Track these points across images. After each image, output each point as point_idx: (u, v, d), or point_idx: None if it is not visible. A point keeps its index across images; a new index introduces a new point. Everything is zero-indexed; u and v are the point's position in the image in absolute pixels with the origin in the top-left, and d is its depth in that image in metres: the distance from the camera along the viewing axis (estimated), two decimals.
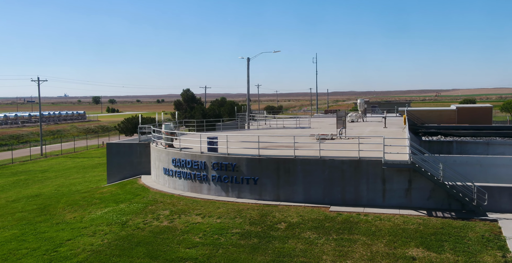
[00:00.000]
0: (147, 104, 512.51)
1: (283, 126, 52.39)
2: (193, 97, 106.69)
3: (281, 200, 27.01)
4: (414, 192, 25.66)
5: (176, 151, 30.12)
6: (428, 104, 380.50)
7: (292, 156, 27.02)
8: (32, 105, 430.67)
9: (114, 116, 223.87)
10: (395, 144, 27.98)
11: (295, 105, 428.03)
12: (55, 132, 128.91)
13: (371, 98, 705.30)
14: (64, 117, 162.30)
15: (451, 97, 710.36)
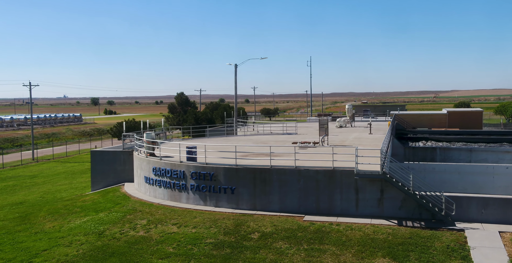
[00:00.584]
0: (146, 106, 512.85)
1: (271, 132, 52.93)
2: (187, 100, 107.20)
3: (258, 209, 27.56)
4: (386, 201, 26.22)
5: (156, 160, 30.67)
6: (425, 106, 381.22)
7: (268, 166, 27.57)
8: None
9: (111, 118, 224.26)
10: (369, 155, 28.50)
11: (293, 106, 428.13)
12: (50, 135, 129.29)
13: (369, 100, 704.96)
14: (60, 120, 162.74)
15: (449, 98, 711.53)
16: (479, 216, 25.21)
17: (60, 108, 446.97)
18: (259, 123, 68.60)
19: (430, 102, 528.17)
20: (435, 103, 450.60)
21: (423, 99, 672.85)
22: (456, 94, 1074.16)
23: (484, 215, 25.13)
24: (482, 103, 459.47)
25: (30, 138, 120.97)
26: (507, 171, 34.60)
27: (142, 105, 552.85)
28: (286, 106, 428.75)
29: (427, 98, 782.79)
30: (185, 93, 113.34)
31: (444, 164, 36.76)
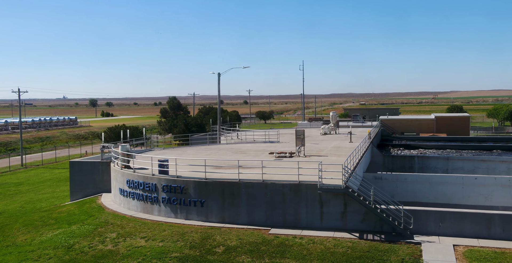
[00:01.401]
0: (144, 107, 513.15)
1: (254, 140, 53.65)
2: (179, 105, 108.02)
3: (226, 222, 28.31)
4: (349, 215, 26.98)
5: (130, 172, 31.42)
6: (423, 108, 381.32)
7: (236, 180, 28.32)
8: (26, 109, 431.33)
9: (108, 120, 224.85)
10: (332, 170, 29.25)
11: (291, 108, 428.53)
12: (44, 139, 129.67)
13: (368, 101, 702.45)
14: (55, 123, 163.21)
15: (447, 100, 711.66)
16: (437, 230, 25.99)
17: (58, 110, 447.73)
18: (245, 129, 68.73)
19: (428, 104, 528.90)
20: (433, 105, 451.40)
21: (421, 100, 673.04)
22: (455, 95, 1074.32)
23: (442, 229, 25.91)
24: (480, 104, 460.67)
25: (25, 142, 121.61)
26: (476, 182, 35.51)
27: (141, 107, 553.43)
28: (284, 108, 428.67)
29: (425, 99, 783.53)
30: (184, 94, 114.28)
31: (415, 175, 37.63)
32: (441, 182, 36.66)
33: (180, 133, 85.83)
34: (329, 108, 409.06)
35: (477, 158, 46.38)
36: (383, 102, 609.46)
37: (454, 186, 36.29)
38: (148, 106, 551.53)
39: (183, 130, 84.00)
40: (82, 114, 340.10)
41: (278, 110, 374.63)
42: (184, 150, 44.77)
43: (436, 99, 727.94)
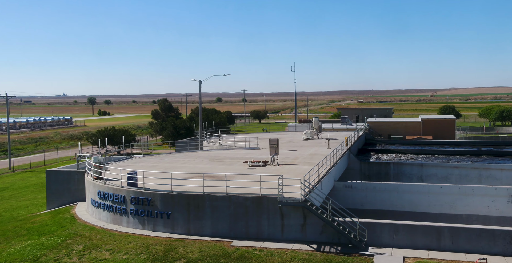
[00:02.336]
0: (143, 105, 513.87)
1: (235, 145, 54.53)
2: (170, 107, 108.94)
3: (192, 233, 29.24)
4: (308, 227, 27.91)
5: (101, 184, 32.33)
6: (420, 106, 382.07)
7: (201, 193, 29.23)
8: (24, 107, 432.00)
9: (104, 120, 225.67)
10: (292, 184, 30.12)
11: (289, 106, 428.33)
12: (37, 140, 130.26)
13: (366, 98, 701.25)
14: (50, 123, 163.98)
15: (446, 97, 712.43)
16: (391, 241, 26.95)
17: (56, 108, 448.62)
18: (228, 134, 68.78)
19: (426, 102, 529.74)
20: (431, 103, 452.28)
21: (420, 98, 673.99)
22: (455, 93, 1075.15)
23: (395, 240, 26.87)
24: (477, 102, 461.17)
25: (17, 143, 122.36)
26: (441, 190, 36.47)
27: (139, 105, 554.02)
28: (282, 106, 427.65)
29: (424, 96, 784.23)
30: (183, 91, 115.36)
31: (383, 183, 38.55)
32: (408, 191, 37.60)
33: (169, 136, 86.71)
34: (326, 106, 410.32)
35: (450, 164, 47.27)
36: (381, 100, 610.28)
37: (421, 195, 37.24)
38: (147, 104, 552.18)
39: (172, 133, 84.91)
40: (80, 113, 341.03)
41: (276, 108, 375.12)
42: (162, 157, 45.66)
43: (435, 96, 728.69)
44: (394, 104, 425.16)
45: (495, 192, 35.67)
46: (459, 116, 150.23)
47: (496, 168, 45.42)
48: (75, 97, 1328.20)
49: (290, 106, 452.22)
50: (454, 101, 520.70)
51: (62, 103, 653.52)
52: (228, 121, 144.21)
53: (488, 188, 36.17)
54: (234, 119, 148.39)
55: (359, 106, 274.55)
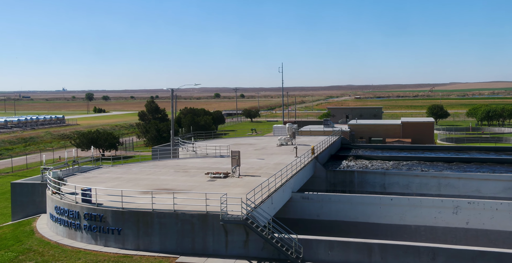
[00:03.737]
0: (140, 101, 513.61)
1: (206, 153, 55.71)
2: (156, 108, 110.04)
3: (141, 249, 30.51)
4: (251, 243, 29.20)
5: (58, 199, 33.58)
6: (416, 102, 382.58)
7: (150, 210, 30.49)
8: (22, 103, 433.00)
9: (97, 117, 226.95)
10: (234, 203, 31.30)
11: (286, 102, 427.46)
12: (27, 140, 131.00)
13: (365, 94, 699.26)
14: (42, 122, 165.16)
15: (444, 92, 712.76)
16: (326, 257, 28.28)
17: (53, 104, 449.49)
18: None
19: (424, 97, 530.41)
20: (428, 99, 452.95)
21: (418, 93, 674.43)
22: (454, 87, 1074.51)
23: (330, 256, 28.20)
24: (474, 98, 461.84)
25: (7, 143, 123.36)
26: (391, 202, 37.80)
27: (137, 100, 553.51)
28: (278, 102, 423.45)
29: (422, 91, 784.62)
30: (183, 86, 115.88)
31: (338, 195, 39.87)
32: (361, 202, 38.91)
33: (152, 139, 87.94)
34: (323, 102, 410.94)
35: (411, 173, 48.50)
36: (379, 96, 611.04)
37: (373, 206, 38.55)
38: (144, 100, 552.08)
39: (155, 136, 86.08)
40: (76, 109, 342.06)
41: (272, 105, 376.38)
42: (130, 167, 46.89)
43: (433, 92, 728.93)
44: (391, 100, 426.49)
45: (441, 203, 36.97)
46: (447, 116, 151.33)
47: (454, 177, 46.70)
48: (74, 92, 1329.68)
49: (296, 101, 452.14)
50: (451, 97, 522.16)
51: (61, 99, 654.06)
52: (218, 120, 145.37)
53: (434, 199, 37.49)
54: (223, 119, 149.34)
55: (355, 103, 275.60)
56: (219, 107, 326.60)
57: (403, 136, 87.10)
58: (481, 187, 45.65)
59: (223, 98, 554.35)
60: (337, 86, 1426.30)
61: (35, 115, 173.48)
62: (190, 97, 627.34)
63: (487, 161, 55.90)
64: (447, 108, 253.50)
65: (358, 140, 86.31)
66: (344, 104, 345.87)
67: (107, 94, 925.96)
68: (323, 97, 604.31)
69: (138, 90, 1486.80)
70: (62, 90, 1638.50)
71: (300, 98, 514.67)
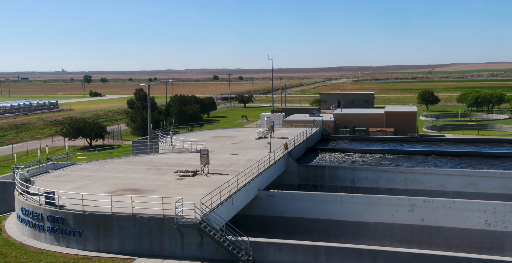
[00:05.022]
0: (138, 83, 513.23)
1: (183, 148, 56.65)
2: (145, 96, 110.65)
3: (101, 251, 31.72)
4: (205, 245, 30.41)
5: (23, 200, 34.71)
6: (413, 85, 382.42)
7: (109, 213, 31.61)
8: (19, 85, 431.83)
9: (93, 102, 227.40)
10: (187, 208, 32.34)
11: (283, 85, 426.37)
12: (19, 126, 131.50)
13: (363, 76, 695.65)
14: (35, 107, 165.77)
15: (443, 74, 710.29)
16: (276, 259, 29.59)
17: (51, 87, 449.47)
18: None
19: (422, 80, 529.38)
20: (426, 81, 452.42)
21: (417, 75, 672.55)
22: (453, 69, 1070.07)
23: (279, 258, 29.50)
24: (473, 80, 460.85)
25: None
26: (352, 200, 39.02)
27: (135, 83, 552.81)
28: (277, 84, 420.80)
29: (422, 73, 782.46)
30: (182, 68, 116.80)
31: (302, 193, 41.01)
32: (323, 200, 40.06)
33: (138, 129, 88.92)
34: (320, 85, 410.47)
35: (379, 168, 49.57)
36: (378, 78, 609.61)
37: (334, 204, 39.72)
38: (143, 81, 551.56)
39: (141, 125, 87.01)
40: (73, 92, 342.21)
41: (270, 88, 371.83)
42: (104, 164, 47.92)
43: (432, 73, 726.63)
44: (389, 83, 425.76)
45: (398, 202, 38.14)
46: (437, 101, 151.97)
47: (420, 172, 47.82)
48: (74, 73, 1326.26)
49: (293, 83, 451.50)
50: (450, 79, 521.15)
51: (59, 81, 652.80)
52: (210, 107, 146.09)
53: (392, 198, 38.67)
54: (215, 105, 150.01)
55: (352, 86, 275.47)
56: (216, 90, 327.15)
57: (386, 126, 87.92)
58: (445, 182, 46.84)
59: (221, 81, 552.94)
60: (337, 68, 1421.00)
61: (28, 101, 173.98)
62: (189, 80, 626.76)
63: (461, 155, 57.07)
64: (443, 92, 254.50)
65: (342, 129, 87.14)
66: (341, 87, 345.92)
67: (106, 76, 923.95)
68: (322, 79, 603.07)
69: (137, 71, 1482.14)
70: (62, 71, 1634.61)
71: (297, 81, 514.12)
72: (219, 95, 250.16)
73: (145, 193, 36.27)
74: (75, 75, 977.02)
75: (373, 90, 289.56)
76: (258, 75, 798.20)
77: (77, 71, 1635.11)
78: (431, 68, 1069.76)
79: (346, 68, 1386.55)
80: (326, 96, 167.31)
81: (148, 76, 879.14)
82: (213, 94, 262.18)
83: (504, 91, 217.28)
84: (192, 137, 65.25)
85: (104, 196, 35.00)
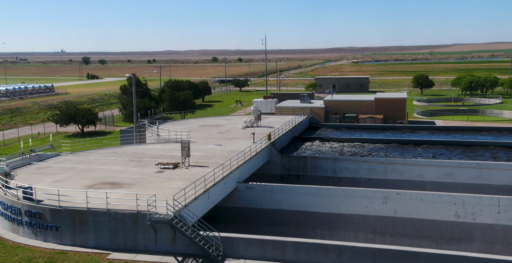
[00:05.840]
0: (137, 65, 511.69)
1: (169, 138, 57.17)
2: (138, 82, 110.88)
3: (77, 245, 32.55)
4: (178, 240, 31.21)
5: (2, 194, 35.44)
6: (411, 67, 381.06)
7: (85, 208, 32.35)
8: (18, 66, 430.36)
9: (90, 85, 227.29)
10: (159, 205, 33.04)
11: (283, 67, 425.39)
12: (14, 110, 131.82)
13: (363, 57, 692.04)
14: (30, 91, 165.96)
15: (443, 55, 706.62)
16: (246, 254, 30.45)
17: (48, 68, 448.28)
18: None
19: (422, 61, 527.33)
20: (425, 63, 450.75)
21: (417, 56, 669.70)
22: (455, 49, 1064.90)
23: (249, 253, 30.37)
24: (472, 62, 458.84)
25: None
26: (328, 193, 39.83)
27: (134, 64, 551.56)
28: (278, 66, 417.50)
29: (422, 54, 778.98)
30: (182, 49, 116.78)
31: (279, 186, 41.77)
32: (300, 193, 40.80)
33: (129, 115, 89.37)
34: (319, 68, 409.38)
35: (359, 159, 50.23)
36: (377, 59, 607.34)
37: (311, 196, 40.47)
38: (141, 64, 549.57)
39: (131, 112, 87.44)
40: (71, 74, 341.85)
41: (272, 69, 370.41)
42: (87, 156, 48.54)
43: (432, 54, 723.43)
44: (388, 65, 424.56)
45: (372, 194, 38.91)
46: (432, 85, 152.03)
47: (399, 163, 48.52)
48: (73, 54, 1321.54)
49: (292, 65, 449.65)
50: (449, 61, 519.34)
51: (58, 62, 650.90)
52: (205, 91, 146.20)
53: (366, 190, 39.42)
54: (210, 90, 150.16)
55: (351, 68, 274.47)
56: (215, 72, 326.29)
57: (376, 112, 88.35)
58: (423, 173, 47.59)
59: (221, 62, 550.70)
60: (338, 49, 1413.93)
61: (23, 84, 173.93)
62: (188, 61, 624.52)
63: (438, 143, 57.78)
64: (440, 74, 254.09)
65: (333, 116, 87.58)
66: (339, 70, 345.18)
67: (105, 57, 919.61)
68: (321, 61, 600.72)
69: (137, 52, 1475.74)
70: (61, 52, 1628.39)
71: (296, 63, 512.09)
72: (217, 78, 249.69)
73: (123, 187, 36.96)
74: (74, 56, 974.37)
75: (371, 72, 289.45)
76: (258, 56, 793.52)
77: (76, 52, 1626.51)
78: (432, 49, 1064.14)
79: (347, 49, 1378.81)
80: (321, 80, 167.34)
81: (147, 57, 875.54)
82: (210, 76, 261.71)
83: (503, 74, 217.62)
84: (180, 126, 65.83)
85: (87, 187, 35.75)
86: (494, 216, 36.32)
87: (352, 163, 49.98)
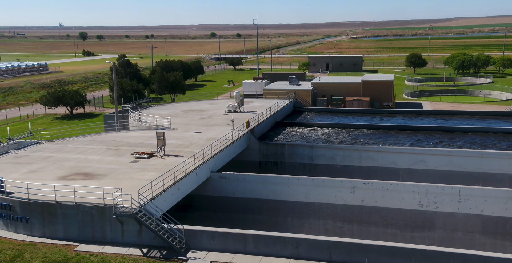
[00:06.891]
0: (134, 41, 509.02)
1: (150, 124, 57.67)
2: (128, 63, 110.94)
3: (47, 237, 33.45)
4: (144, 233, 32.08)
5: None
6: (410, 43, 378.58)
7: (53, 201, 33.13)
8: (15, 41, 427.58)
9: (84, 62, 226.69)
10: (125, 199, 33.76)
11: (282, 44, 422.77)
12: (6, 90, 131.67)
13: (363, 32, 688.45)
14: (23, 70, 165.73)
15: (444, 30, 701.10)
16: (209, 246, 31.42)
17: (45, 44, 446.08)
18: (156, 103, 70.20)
19: (422, 36, 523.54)
20: (425, 38, 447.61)
21: (417, 31, 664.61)
22: (456, 24, 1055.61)
23: (212, 245, 31.32)
24: (472, 37, 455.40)
25: None
26: (298, 182, 40.73)
27: (131, 40, 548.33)
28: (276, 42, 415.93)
29: (423, 29, 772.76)
30: (181, 23, 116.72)
31: (252, 175, 42.57)
32: (272, 182, 41.62)
33: (118, 98, 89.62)
34: (318, 44, 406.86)
35: (335, 146, 50.83)
36: (377, 35, 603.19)
37: (282, 186, 41.31)
38: (139, 40, 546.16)
39: (119, 95, 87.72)
40: (67, 50, 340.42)
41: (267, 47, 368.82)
42: (66, 144, 49.14)
43: (433, 29, 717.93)
44: (386, 41, 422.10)
45: (340, 184, 39.71)
46: (425, 64, 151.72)
47: (374, 150, 49.15)
48: (71, 28, 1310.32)
49: (290, 41, 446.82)
50: (449, 36, 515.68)
51: (55, 37, 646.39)
52: (197, 71, 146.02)
53: (335, 180, 40.20)
54: (202, 69, 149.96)
55: (349, 45, 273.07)
56: (212, 49, 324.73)
57: (363, 95, 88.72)
58: (397, 160, 48.28)
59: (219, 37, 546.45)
60: (338, 23, 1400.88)
61: (16, 63, 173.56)
62: (186, 37, 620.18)
63: (420, 129, 58.28)
64: (438, 51, 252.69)
65: (320, 98, 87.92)
66: (337, 46, 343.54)
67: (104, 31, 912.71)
68: (320, 36, 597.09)
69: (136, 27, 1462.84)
70: (59, 26, 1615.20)
71: (295, 38, 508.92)
72: (213, 55, 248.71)
73: (95, 178, 37.66)
74: (72, 31, 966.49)
75: (369, 49, 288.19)
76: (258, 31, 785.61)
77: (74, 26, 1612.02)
78: (434, 23, 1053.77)
79: (348, 24, 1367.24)
80: (315, 59, 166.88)
81: (146, 32, 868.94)
82: (206, 53, 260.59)
83: (500, 50, 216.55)
84: (164, 110, 66.23)
85: (59, 179, 36.52)
86: (455, 205, 37.25)
87: (328, 150, 50.63)
